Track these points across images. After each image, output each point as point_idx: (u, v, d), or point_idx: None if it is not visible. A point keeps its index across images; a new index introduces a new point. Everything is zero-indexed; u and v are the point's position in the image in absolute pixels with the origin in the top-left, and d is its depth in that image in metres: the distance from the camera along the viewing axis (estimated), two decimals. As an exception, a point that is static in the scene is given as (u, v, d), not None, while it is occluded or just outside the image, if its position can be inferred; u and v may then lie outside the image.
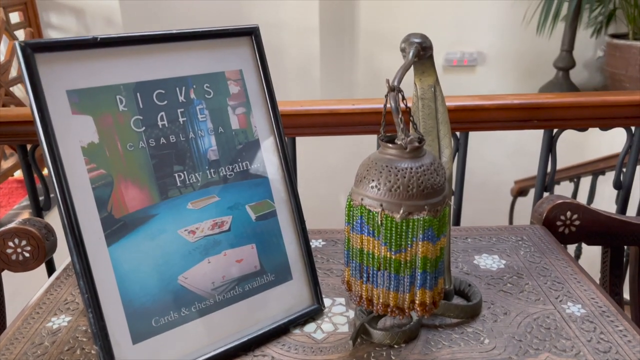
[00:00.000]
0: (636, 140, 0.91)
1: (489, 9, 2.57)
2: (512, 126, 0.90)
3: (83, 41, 0.49)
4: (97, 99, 0.50)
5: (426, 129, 0.59)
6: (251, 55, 0.60)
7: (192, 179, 0.55)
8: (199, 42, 0.56)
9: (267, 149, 0.59)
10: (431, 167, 0.48)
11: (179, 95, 0.55)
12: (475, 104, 0.89)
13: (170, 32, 0.54)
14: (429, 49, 0.55)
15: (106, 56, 0.51)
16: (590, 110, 0.89)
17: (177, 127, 0.54)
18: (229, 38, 0.58)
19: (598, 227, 0.84)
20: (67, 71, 0.49)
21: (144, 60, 0.53)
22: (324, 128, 0.90)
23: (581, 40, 2.57)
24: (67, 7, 2.25)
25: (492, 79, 2.72)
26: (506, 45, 2.65)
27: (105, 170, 0.50)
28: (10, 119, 0.87)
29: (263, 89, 0.60)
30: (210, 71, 0.57)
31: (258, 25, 0.60)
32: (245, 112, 0.59)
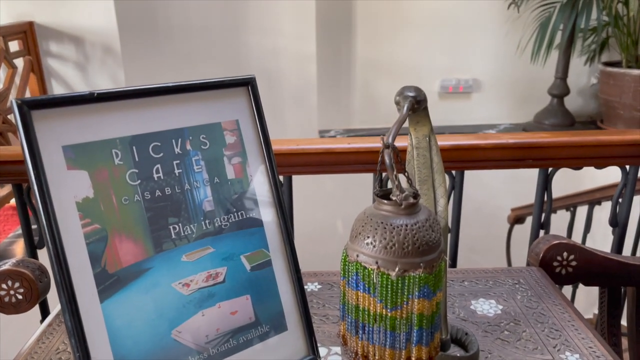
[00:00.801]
0: (631, 178, 0.92)
1: (484, 37, 2.60)
2: (508, 165, 0.91)
3: (80, 97, 0.49)
4: (93, 154, 0.50)
5: (421, 178, 0.59)
6: (247, 105, 0.60)
7: (187, 230, 0.55)
8: (196, 94, 0.57)
9: (263, 197, 0.59)
10: (426, 223, 0.48)
11: (175, 147, 0.55)
12: (470, 143, 0.89)
13: (167, 85, 0.54)
14: (423, 101, 0.56)
15: (103, 110, 0.51)
16: (585, 150, 0.89)
17: (172, 179, 0.54)
18: (226, 89, 0.59)
19: (595, 268, 0.84)
20: (64, 127, 0.49)
21: (141, 113, 0.53)
22: (320, 167, 0.91)
23: (575, 67, 2.60)
24: (66, 35, 2.27)
25: (487, 106, 2.74)
26: (501, 72, 2.68)
27: (100, 224, 0.50)
28: (5, 158, 0.87)
29: (259, 138, 0.60)
30: (207, 122, 0.57)
31: (254, 75, 0.60)
32: (241, 161, 0.59)
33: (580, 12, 2.35)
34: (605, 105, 2.54)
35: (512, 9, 2.06)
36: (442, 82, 2.69)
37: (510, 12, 1.99)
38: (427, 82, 2.71)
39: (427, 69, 2.69)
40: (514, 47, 2.54)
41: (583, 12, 2.35)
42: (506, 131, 2.66)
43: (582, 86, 2.73)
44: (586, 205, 1.71)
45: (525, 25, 2.47)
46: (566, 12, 2.36)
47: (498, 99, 2.74)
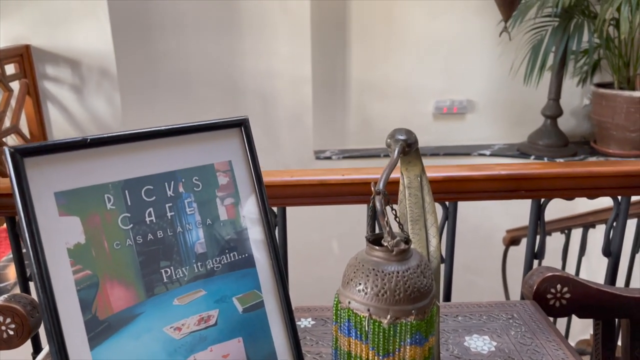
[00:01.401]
0: (623, 209, 0.92)
1: (477, 59, 2.63)
2: (500, 196, 0.91)
3: (73, 143, 0.50)
4: (85, 200, 0.50)
5: (413, 218, 0.60)
6: (240, 145, 0.60)
7: (178, 274, 0.54)
8: (189, 137, 0.57)
9: (255, 238, 0.59)
10: (418, 269, 0.48)
11: (168, 190, 0.55)
12: (463, 175, 0.90)
13: (159, 129, 0.55)
14: (414, 144, 0.57)
15: (96, 156, 0.51)
16: (577, 181, 0.90)
17: (164, 222, 0.54)
18: (219, 130, 0.59)
19: (588, 300, 0.84)
20: (56, 173, 0.49)
21: (133, 157, 0.54)
22: (314, 198, 0.91)
23: (568, 89, 2.63)
24: (62, 58, 2.28)
25: (481, 127, 2.76)
26: (495, 93, 2.71)
27: (91, 270, 0.50)
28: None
29: (252, 178, 0.60)
30: (200, 164, 0.57)
31: (247, 116, 0.61)
32: (233, 202, 0.59)
33: (571, 35, 2.39)
34: (598, 126, 2.56)
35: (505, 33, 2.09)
36: (436, 103, 2.71)
37: (503, 35, 2.01)
38: (421, 103, 2.73)
39: (421, 90, 2.71)
40: (507, 69, 2.57)
41: (574, 35, 2.39)
42: (500, 151, 2.68)
43: (575, 107, 2.76)
44: (581, 228, 1.72)
45: (518, 47, 2.50)
46: (558, 35, 2.39)
47: (492, 120, 2.76)
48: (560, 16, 2.39)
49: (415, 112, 2.75)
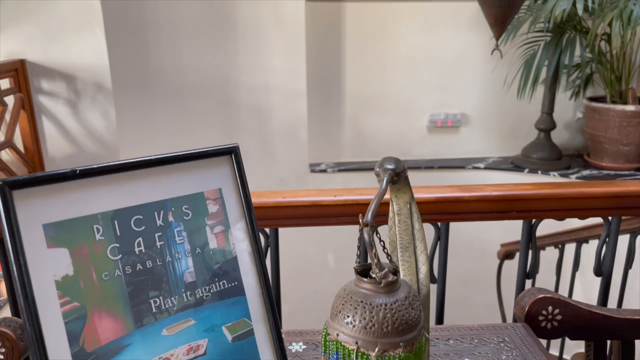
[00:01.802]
0: (613, 229, 0.93)
1: (471, 73, 2.65)
2: (492, 217, 0.92)
3: (62, 174, 0.50)
4: (74, 231, 0.50)
5: (403, 245, 0.60)
6: (231, 173, 0.61)
7: (167, 303, 0.54)
8: (179, 165, 0.57)
9: (245, 265, 0.60)
10: (406, 301, 0.48)
11: (157, 219, 0.55)
12: (454, 196, 0.90)
13: (149, 159, 0.55)
14: (402, 173, 0.57)
15: (85, 186, 0.51)
16: (568, 202, 0.90)
17: (154, 252, 0.54)
18: (209, 158, 0.59)
19: (580, 322, 0.84)
20: (45, 205, 0.49)
21: (123, 187, 0.54)
22: (306, 219, 0.91)
23: (561, 102, 2.65)
24: (57, 72, 2.29)
25: (476, 140, 2.78)
26: (489, 107, 2.73)
27: (79, 302, 0.50)
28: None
29: (242, 205, 0.60)
30: (190, 192, 0.58)
31: (238, 144, 0.61)
32: (223, 230, 0.59)
33: (564, 50, 2.41)
34: (591, 140, 2.58)
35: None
36: (430, 117, 2.73)
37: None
38: (416, 116, 2.75)
39: (416, 104, 2.73)
40: (501, 83, 2.59)
41: (567, 50, 2.41)
42: (494, 164, 2.69)
43: (568, 120, 2.78)
44: (574, 243, 1.72)
45: (511, 62, 2.52)
46: (550, 50, 2.42)
47: (486, 133, 2.78)
48: (552, 31, 2.42)
49: (410, 126, 2.76)
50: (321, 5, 2.59)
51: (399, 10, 2.60)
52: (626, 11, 2.15)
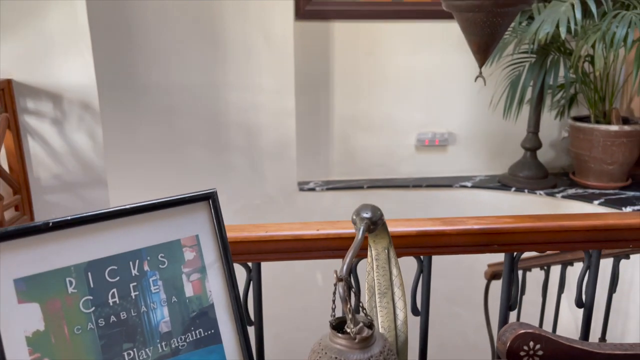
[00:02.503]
0: (594, 261, 0.94)
1: (458, 93, 2.68)
2: (474, 250, 0.92)
3: (35, 228, 0.49)
4: (45, 285, 0.50)
5: (381, 291, 0.60)
6: (208, 219, 0.60)
7: (142, 355, 0.54)
8: (155, 213, 0.57)
9: (222, 313, 0.59)
10: (380, 356, 0.48)
11: (132, 269, 0.55)
12: (436, 229, 0.91)
13: (125, 208, 0.55)
14: (379, 221, 0.57)
15: (58, 239, 0.51)
16: (549, 235, 0.91)
17: (128, 303, 0.54)
18: (186, 205, 0.59)
19: (561, 357, 0.84)
20: (17, 259, 0.49)
21: (97, 238, 0.53)
22: (289, 253, 0.91)
23: (546, 121, 2.68)
24: (44, 92, 2.27)
25: (463, 158, 2.80)
26: (475, 126, 2.75)
27: (50, 358, 0.49)
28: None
29: (219, 251, 0.60)
30: (166, 240, 0.57)
31: (216, 189, 0.61)
32: (200, 277, 0.59)
33: (548, 70, 2.45)
34: (577, 159, 2.61)
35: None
36: (418, 136, 2.75)
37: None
38: (403, 135, 2.77)
39: (403, 123, 2.74)
40: (487, 102, 2.62)
41: (551, 71, 2.44)
42: (482, 183, 2.71)
43: (553, 139, 2.81)
44: (559, 265, 1.73)
45: (497, 82, 2.55)
46: (535, 71, 2.45)
47: (473, 152, 2.80)
48: (536, 52, 2.45)
49: (398, 144, 2.78)
50: (309, 24, 2.61)
51: (387, 30, 2.63)
52: (609, 33, 2.18)
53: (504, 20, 1.32)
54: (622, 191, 2.52)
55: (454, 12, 1.35)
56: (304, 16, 2.57)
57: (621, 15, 2.20)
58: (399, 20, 2.59)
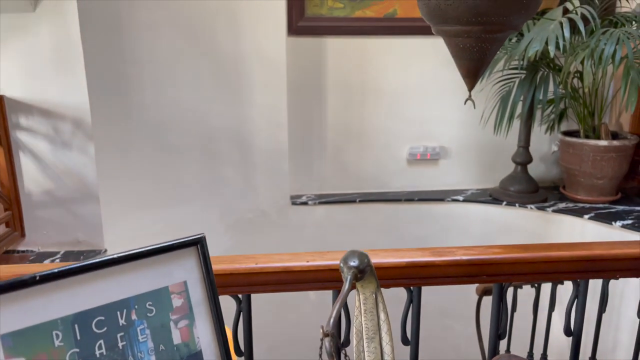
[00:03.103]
0: (582, 290, 0.95)
1: (449, 108, 2.70)
2: (463, 281, 0.93)
3: (21, 282, 0.50)
4: (32, 339, 0.50)
5: (369, 336, 0.60)
6: (196, 264, 0.61)
7: (129, 406, 0.54)
8: (143, 261, 0.57)
9: (211, 359, 0.59)
10: (366, 410, 0.48)
11: (120, 319, 0.55)
12: (426, 261, 0.91)
13: (112, 257, 0.55)
14: (366, 268, 0.58)
15: (46, 291, 0.51)
16: (536, 266, 0.92)
17: (116, 354, 0.54)
18: (174, 251, 0.59)
19: (549, 390, 0.85)
20: (3, 315, 0.49)
21: (85, 289, 0.53)
22: (279, 285, 0.91)
23: (536, 135, 2.71)
24: (36, 109, 2.27)
25: (454, 172, 2.82)
26: (467, 140, 2.77)
27: (37, 414, 0.49)
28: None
29: (207, 296, 0.60)
30: (154, 288, 0.57)
31: (204, 234, 0.61)
32: (188, 324, 0.59)
33: (538, 86, 2.47)
34: (567, 173, 2.63)
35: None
36: (410, 150, 2.76)
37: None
38: (396, 149, 2.78)
39: (395, 137, 2.76)
40: (478, 117, 2.64)
41: (541, 86, 2.47)
42: (473, 197, 2.73)
43: (544, 153, 2.84)
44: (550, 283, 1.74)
45: (488, 97, 2.58)
46: (525, 87, 2.47)
47: (465, 166, 2.82)
48: (526, 69, 2.48)
49: (390, 158, 2.79)
50: (302, 40, 2.62)
51: (379, 45, 2.65)
52: (597, 51, 2.21)
53: (492, 45, 1.34)
54: (612, 205, 2.54)
55: (443, 37, 1.37)
56: (297, 32, 2.58)
57: (609, 32, 2.24)
58: (391, 36, 2.61)
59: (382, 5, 2.57)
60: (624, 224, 2.32)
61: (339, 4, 2.56)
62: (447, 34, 1.34)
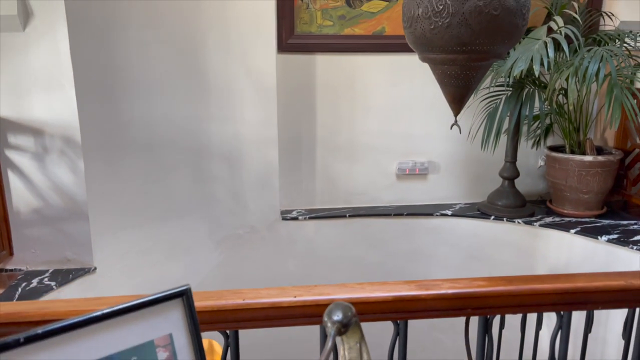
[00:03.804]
0: (565, 322, 0.96)
1: (437, 124, 2.73)
2: (449, 314, 0.94)
3: (5, 345, 0.50)
4: (17, 402, 0.50)
5: (352, 385, 0.61)
6: (182, 316, 0.61)
7: None
8: (128, 316, 0.58)
9: (196, 411, 0.60)
10: None
11: (105, 376, 0.55)
12: (412, 295, 0.93)
13: (96, 315, 0.55)
14: (350, 322, 0.59)
15: (28, 353, 0.51)
16: (521, 298, 0.94)
17: (101, 411, 0.54)
18: (160, 304, 0.60)
19: None
20: (-12, 378, 0.49)
21: (68, 348, 0.54)
22: (266, 321, 0.92)
23: (523, 150, 2.74)
24: (25, 127, 2.26)
25: (443, 186, 2.84)
26: (455, 155, 2.80)
27: None
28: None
29: (193, 348, 0.61)
30: (139, 343, 0.58)
31: (189, 285, 0.62)
32: (174, 376, 0.59)
33: (524, 103, 2.51)
34: (553, 188, 2.66)
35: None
36: (399, 165, 2.79)
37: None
38: (385, 164, 2.80)
39: (384, 152, 2.78)
40: (466, 133, 2.67)
41: (527, 103, 2.51)
42: (461, 211, 2.75)
43: (531, 167, 2.87)
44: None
45: (475, 113, 2.61)
46: (512, 103, 2.51)
47: (453, 180, 2.84)
48: (512, 86, 2.51)
49: (379, 173, 2.81)
50: (292, 57, 2.64)
51: (368, 62, 2.67)
52: (581, 69, 2.25)
53: (477, 73, 1.36)
54: (598, 219, 2.58)
55: (429, 64, 1.39)
56: (286, 49, 2.60)
57: (593, 50, 2.28)
58: (379, 53, 2.64)
59: (370, 23, 2.60)
60: (610, 239, 2.36)
61: (328, 21, 2.59)
62: (433, 62, 1.37)
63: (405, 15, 1.34)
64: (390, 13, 2.60)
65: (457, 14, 1.22)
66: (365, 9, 2.59)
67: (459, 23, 1.23)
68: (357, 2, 2.58)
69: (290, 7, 2.55)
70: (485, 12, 1.21)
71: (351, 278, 2.81)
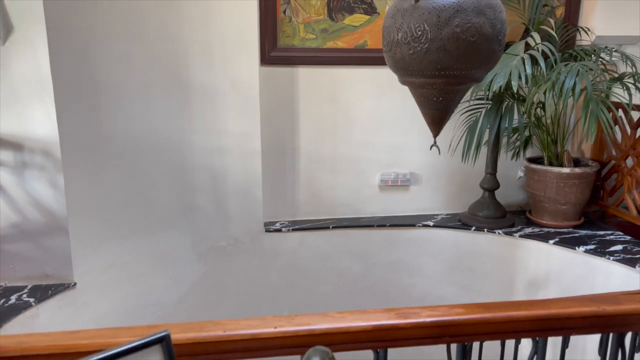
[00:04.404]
0: (540, 347, 0.99)
1: (419, 135, 2.76)
2: (427, 342, 0.96)
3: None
4: None
5: None
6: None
7: None
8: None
9: None
10: None
11: None
12: (390, 324, 0.94)
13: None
14: (327, 369, 0.60)
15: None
16: (497, 325, 0.96)
17: None
18: (139, 351, 0.60)
19: None
20: None
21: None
22: (247, 352, 0.92)
23: (503, 161, 2.79)
24: (3, 141, 2.23)
25: (425, 197, 2.88)
26: (436, 167, 2.84)
27: None
28: None
29: (173, 394, 0.62)
30: (119, 392, 0.58)
31: (168, 331, 0.63)
32: None
33: (503, 116, 2.55)
34: (532, 198, 2.71)
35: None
36: (381, 176, 2.81)
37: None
38: (367, 175, 2.83)
39: (367, 164, 2.81)
40: (447, 144, 2.71)
41: (506, 116, 2.55)
42: (443, 222, 2.79)
43: (510, 178, 2.92)
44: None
45: (456, 126, 2.65)
46: (491, 116, 2.55)
47: (435, 191, 2.88)
48: (492, 99, 2.56)
49: (362, 184, 2.84)
50: (275, 70, 2.65)
51: (350, 75, 2.69)
52: (558, 83, 2.30)
53: (455, 96, 1.39)
54: (576, 230, 2.63)
55: (409, 88, 1.42)
56: (269, 62, 2.61)
57: (570, 66, 2.33)
58: (362, 66, 2.66)
59: (352, 36, 2.62)
60: (587, 249, 2.41)
61: (310, 35, 2.60)
62: (412, 85, 1.39)
63: (385, 39, 1.37)
64: (372, 27, 2.62)
65: (436, 39, 1.25)
66: (347, 23, 2.61)
67: (437, 49, 1.26)
68: (339, 15, 2.60)
69: (273, 20, 2.56)
70: (463, 38, 1.24)
71: (334, 289, 2.83)
